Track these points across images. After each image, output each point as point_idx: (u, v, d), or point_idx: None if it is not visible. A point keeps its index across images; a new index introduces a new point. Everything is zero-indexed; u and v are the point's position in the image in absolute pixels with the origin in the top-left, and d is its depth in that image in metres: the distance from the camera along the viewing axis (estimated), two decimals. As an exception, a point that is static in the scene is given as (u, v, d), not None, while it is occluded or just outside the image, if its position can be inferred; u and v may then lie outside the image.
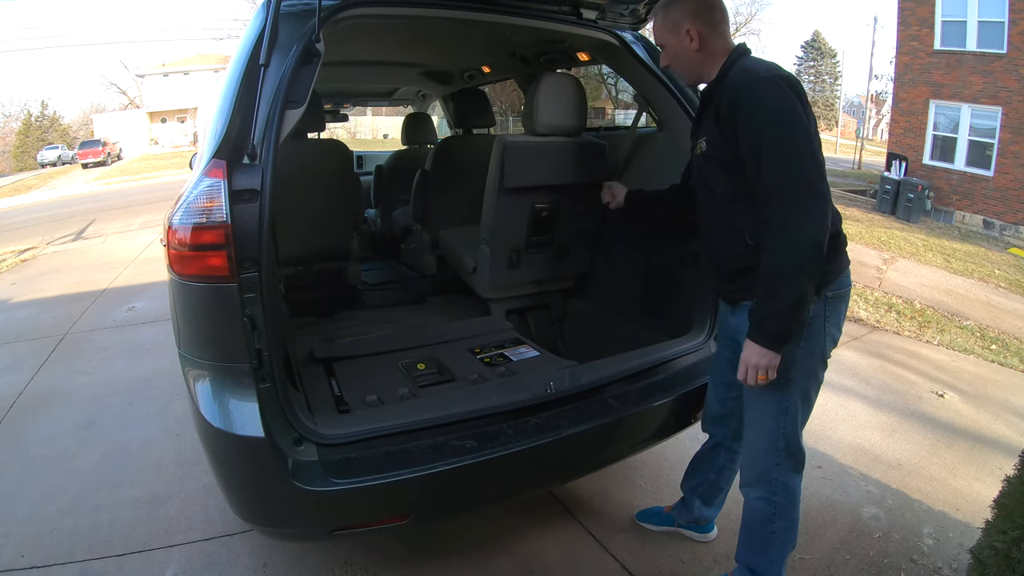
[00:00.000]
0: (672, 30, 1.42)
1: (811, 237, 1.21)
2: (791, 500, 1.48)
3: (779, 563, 1.51)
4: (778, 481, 1.45)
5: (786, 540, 1.50)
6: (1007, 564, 1.18)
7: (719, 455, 1.73)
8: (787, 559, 1.53)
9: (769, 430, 1.43)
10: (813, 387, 1.42)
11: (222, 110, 1.35)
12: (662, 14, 1.45)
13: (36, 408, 2.75)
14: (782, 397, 1.39)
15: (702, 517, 1.83)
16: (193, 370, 1.30)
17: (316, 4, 1.36)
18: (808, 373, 1.39)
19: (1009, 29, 9.56)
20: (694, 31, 1.39)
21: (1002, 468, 2.27)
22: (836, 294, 1.39)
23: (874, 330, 4.12)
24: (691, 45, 1.41)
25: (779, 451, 1.43)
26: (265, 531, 1.47)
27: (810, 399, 1.44)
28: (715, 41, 1.41)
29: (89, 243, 7.33)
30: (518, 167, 2.07)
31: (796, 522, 1.51)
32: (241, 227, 1.20)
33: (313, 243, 2.55)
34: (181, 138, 31.33)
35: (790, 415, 1.40)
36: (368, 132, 26.09)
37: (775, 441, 1.43)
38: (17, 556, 1.79)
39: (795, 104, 1.25)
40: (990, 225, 10.16)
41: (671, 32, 1.42)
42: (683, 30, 1.40)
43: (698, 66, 1.43)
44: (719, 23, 1.41)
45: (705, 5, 1.40)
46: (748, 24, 29.38)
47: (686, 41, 1.41)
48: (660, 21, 1.45)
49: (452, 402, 1.58)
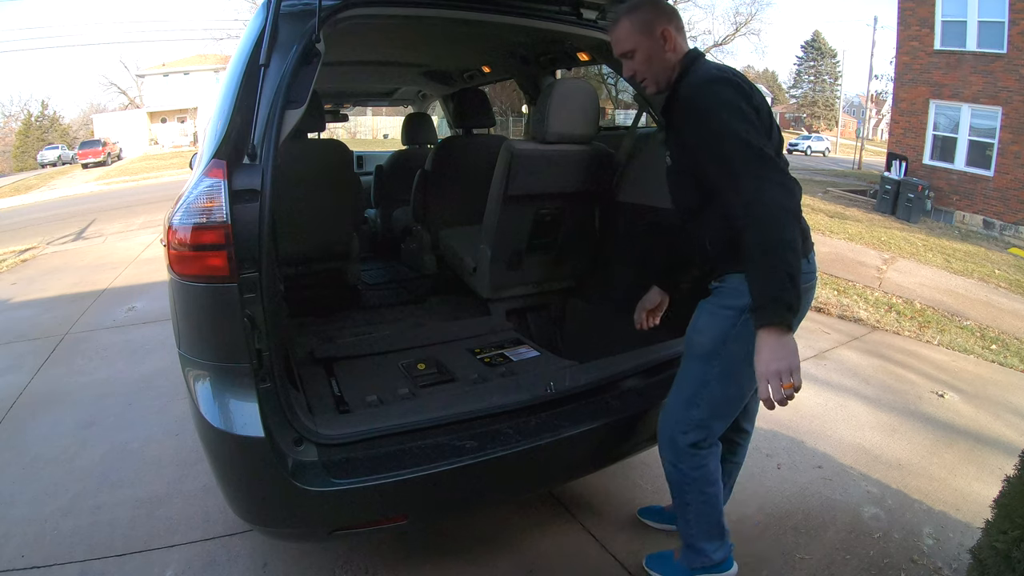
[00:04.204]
0: (644, 32, 1.38)
1: (786, 204, 1.20)
2: (702, 475, 1.45)
3: (701, 537, 1.50)
4: (684, 451, 1.43)
5: (703, 514, 1.48)
6: (1007, 564, 1.18)
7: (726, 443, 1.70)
8: (717, 540, 1.51)
9: (685, 397, 1.43)
10: (746, 373, 1.26)
11: (222, 110, 1.35)
12: (628, 18, 1.39)
13: (36, 408, 2.75)
14: (705, 368, 1.38)
15: None
16: (193, 370, 1.30)
17: (316, 4, 1.36)
18: (742, 357, 1.27)
19: (1009, 29, 9.56)
20: (668, 31, 1.37)
21: (1002, 468, 2.27)
22: None
23: (874, 330, 4.12)
24: (665, 47, 1.38)
25: (690, 421, 1.42)
26: (265, 531, 1.47)
27: (740, 383, 1.39)
28: (681, 44, 1.40)
29: (89, 243, 7.33)
30: (524, 175, 2.07)
31: (713, 500, 1.48)
32: (241, 227, 1.20)
33: (313, 243, 2.54)
34: (181, 138, 31.34)
35: (709, 388, 1.39)
36: (368, 132, 26.10)
37: (688, 409, 1.42)
38: (17, 556, 1.79)
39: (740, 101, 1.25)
40: (990, 225, 10.16)
41: (644, 34, 1.38)
42: (657, 31, 1.37)
43: (670, 70, 1.40)
44: (681, 28, 1.41)
45: (669, 7, 1.40)
46: (748, 24, 29.40)
47: (660, 43, 1.38)
48: (628, 25, 1.39)
49: (452, 402, 1.58)
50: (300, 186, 2.26)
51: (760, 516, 2.00)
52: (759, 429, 2.55)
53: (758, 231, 1.19)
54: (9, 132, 35.76)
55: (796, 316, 1.20)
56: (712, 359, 1.37)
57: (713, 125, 1.26)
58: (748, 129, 1.23)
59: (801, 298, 1.21)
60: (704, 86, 1.30)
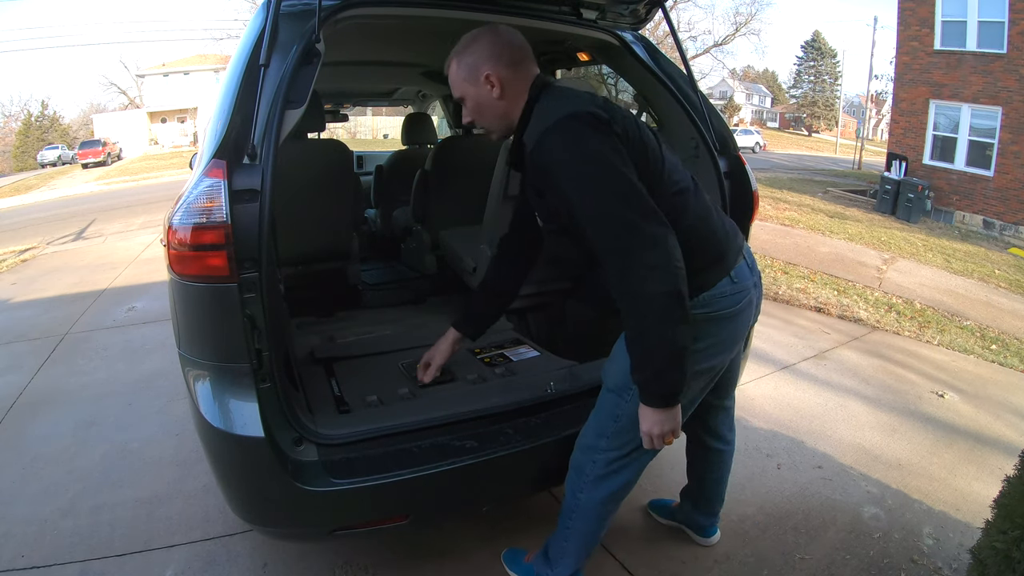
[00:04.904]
0: (469, 79, 1.26)
1: (656, 291, 1.07)
2: (596, 512, 1.39)
3: (571, 558, 1.44)
4: (588, 482, 1.37)
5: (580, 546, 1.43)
6: (1007, 564, 1.18)
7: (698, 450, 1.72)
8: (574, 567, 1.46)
9: (597, 426, 1.36)
10: None
11: (222, 110, 1.34)
12: (455, 62, 1.28)
13: (36, 408, 2.75)
14: (617, 403, 1.30)
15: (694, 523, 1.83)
16: (193, 370, 1.30)
17: (316, 4, 1.36)
18: None
19: (1009, 29, 9.57)
20: (494, 76, 1.24)
21: (1002, 468, 2.27)
22: (702, 314, 1.23)
23: (874, 330, 4.12)
24: (492, 92, 1.25)
25: (598, 451, 1.35)
26: (265, 531, 1.48)
27: None
28: (519, 82, 1.26)
29: (89, 243, 7.32)
30: None
31: (592, 540, 1.44)
32: (241, 227, 1.20)
33: (313, 243, 2.54)
34: (181, 138, 31.34)
35: (620, 422, 1.30)
36: (368, 132, 26.10)
37: (598, 439, 1.35)
38: (17, 556, 1.79)
39: (592, 143, 1.11)
40: (990, 225, 10.17)
41: (469, 82, 1.27)
42: (482, 76, 1.25)
43: (505, 115, 1.28)
44: (521, 61, 1.26)
45: (503, 43, 1.26)
46: (748, 24, 29.42)
47: (486, 89, 1.25)
48: (455, 71, 1.28)
49: (452, 402, 1.58)
50: (300, 186, 2.26)
51: (760, 516, 2.00)
52: (759, 429, 2.56)
53: (630, 318, 1.12)
54: (9, 132, 35.79)
55: (677, 396, 1.15)
56: (624, 393, 1.28)
57: (567, 191, 1.12)
58: (607, 186, 1.09)
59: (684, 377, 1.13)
60: (545, 138, 1.14)
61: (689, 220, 1.22)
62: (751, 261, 1.36)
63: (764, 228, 7.42)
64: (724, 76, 44.48)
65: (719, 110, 1.99)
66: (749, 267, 1.34)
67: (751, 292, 1.32)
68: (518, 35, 1.31)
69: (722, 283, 1.26)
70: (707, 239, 1.26)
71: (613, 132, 1.14)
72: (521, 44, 1.29)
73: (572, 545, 1.45)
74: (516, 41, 1.28)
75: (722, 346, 1.30)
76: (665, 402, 1.15)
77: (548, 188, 1.20)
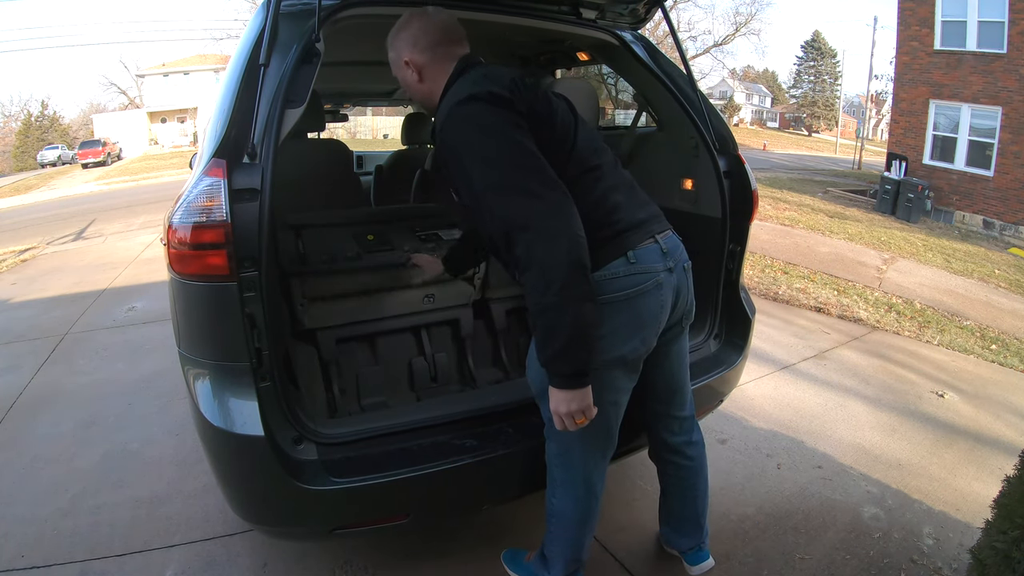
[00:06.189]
0: (395, 64, 1.33)
1: (560, 260, 1.05)
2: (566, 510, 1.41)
3: (559, 560, 1.46)
4: (556, 485, 1.41)
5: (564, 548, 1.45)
6: (1007, 564, 1.18)
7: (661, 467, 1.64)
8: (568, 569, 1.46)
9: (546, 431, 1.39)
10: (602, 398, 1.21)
11: (222, 110, 1.35)
12: (389, 49, 1.34)
13: (36, 408, 2.75)
14: (545, 406, 1.28)
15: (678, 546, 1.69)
16: (193, 369, 1.30)
17: (316, 4, 1.36)
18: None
19: (1009, 29, 9.57)
20: (412, 62, 1.29)
21: (1002, 468, 2.27)
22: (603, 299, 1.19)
23: (874, 330, 4.12)
24: (413, 77, 1.30)
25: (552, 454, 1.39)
26: (265, 531, 1.47)
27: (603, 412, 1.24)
28: (438, 66, 1.28)
29: (89, 243, 7.33)
30: None
31: (571, 538, 1.44)
32: (241, 226, 1.20)
33: None
34: (181, 138, 31.33)
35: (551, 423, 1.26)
36: (368, 132, 26.11)
37: (549, 443, 1.40)
38: (17, 556, 1.79)
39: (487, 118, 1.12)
40: (990, 225, 10.17)
41: (396, 67, 1.33)
42: (403, 61, 1.30)
43: (429, 96, 1.31)
44: (439, 44, 1.28)
45: (421, 29, 1.28)
46: (748, 24, 29.45)
47: (408, 73, 1.30)
48: (390, 55, 1.34)
49: (452, 401, 1.58)
50: (300, 186, 2.26)
51: (760, 516, 2.00)
52: (759, 429, 2.57)
53: (533, 292, 1.08)
54: (9, 132, 35.81)
55: (584, 376, 1.12)
56: (543, 399, 1.26)
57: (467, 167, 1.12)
58: (506, 158, 1.10)
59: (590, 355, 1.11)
60: (447, 117, 1.16)
61: (593, 197, 1.21)
62: (670, 246, 1.29)
63: (764, 228, 7.42)
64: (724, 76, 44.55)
65: (719, 110, 1.99)
66: (664, 252, 1.27)
67: (658, 276, 1.25)
68: (443, 17, 1.31)
69: (615, 263, 1.21)
70: (607, 215, 1.22)
71: (514, 110, 1.15)
72: (444, 27, 1.30)
73: (558, 548, 1.46)
74: (437, 25, 1.29)
75: (622, 334, 1.24)
76: (571, 383, 1.12)
77: (451, 166, 1.18)
